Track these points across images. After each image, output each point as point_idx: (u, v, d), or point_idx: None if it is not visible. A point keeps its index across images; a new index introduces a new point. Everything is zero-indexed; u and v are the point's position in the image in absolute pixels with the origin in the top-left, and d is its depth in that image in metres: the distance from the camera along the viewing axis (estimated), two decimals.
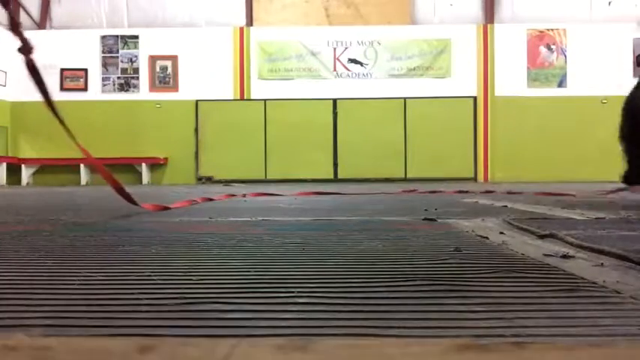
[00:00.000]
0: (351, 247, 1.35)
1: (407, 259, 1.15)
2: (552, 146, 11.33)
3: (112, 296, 0.83)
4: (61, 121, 2.18)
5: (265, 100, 11.46)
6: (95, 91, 11.54)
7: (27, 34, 2.15)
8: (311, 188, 6.14)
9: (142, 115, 11.47)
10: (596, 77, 11.38)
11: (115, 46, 11.63)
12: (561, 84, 11.46)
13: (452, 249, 1.28)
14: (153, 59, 11.61)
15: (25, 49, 2.06)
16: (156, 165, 11.53)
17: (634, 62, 11.23)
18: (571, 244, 1.33)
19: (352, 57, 11.57)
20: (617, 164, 4.23)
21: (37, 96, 1.82)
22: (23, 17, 10.76)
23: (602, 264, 1.07)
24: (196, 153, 11.47)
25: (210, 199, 3.68)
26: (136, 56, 11.61)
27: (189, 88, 11.53)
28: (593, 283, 0.90)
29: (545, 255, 1.19)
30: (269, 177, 11.23)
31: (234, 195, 4.55)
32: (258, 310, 0.74)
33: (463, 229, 1.76)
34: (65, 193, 6.15)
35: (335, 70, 11.57)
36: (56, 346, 0.44)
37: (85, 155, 2.30)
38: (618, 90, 11.32)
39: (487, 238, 1.51)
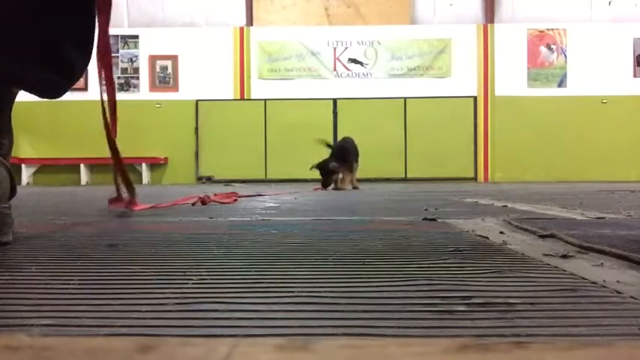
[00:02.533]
0: (351, 246, 1.35)
1: (407, 259, 1.15)
2: (552, 146, 11.33)
3: (112, 296, 0.83)
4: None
5: (265, 100, 11.46)
6: (95, 91, 11.53)
7: None
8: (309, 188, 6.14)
9: (142, 115, 11.47)
10: (596, 77, 11.38)
11: (115, 46, 11.62)
12: (561, 84, 11.46)
13: (452, 249, 1.28)
14: (153, 59, 11.62)
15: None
16: (156, 165, 11.54)
17: (634, 62, 11.23)
18: (571, 244, 1.33)
19: (352, 57, 11.57)
20: (617, 164, 4.23)
21: (36, 97, 1.81)
22: None
23: (602, 264, 1.07)
24: (196, 153, 11.47)
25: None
26: (136, 56, 11.62)
27: (190, 88, 11.53)
28: (593, 283, 0.90)
29: (546, 255, 1.19)
30: (269, 177, 11.23)
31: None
32: (258, 310, 0.74)
33: (463, 229, 1.76)
34: (65, 193, 6.15)
35: (335, 69, 11.57)
36: (56, 346, 0.44)
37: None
38: (618, 90, 11.34)
39: (487, 238, 1.51)
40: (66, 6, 1.36)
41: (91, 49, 1.44)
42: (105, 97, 2.09)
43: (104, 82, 2.08)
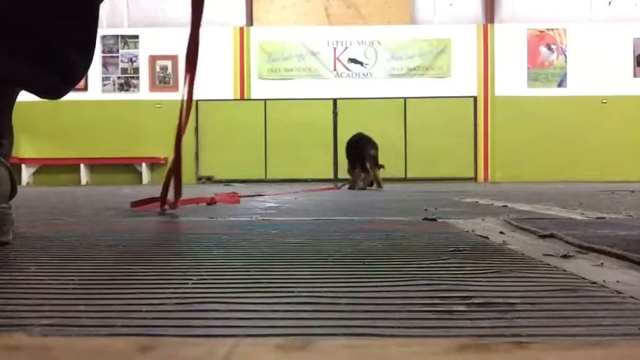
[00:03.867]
0: (351, 247, 1.35)
1: (407, 259, 1.15)
2: (552, 146, 11.33)
3: (112, 296, 0.83)
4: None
5: (265, 100, 11.46)
6: (95, 91, 11.55)
7: None
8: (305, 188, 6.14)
9: (142, 115, 11.47)
10: (596, 77, 11.39)
11: (115, 46, 11.63)
12: (561, 84, 11.47)
13: (452, 249, 1.28)
14: (153, 59, 11.62)
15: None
16: (156, 165, 11.54)
17: (634, 62, 11.24)
18: (571, 244, 1.33)
19: (352, 57, 11.57)
20: (617, 164, 4.23)
21: (36, 97, 1.81)
22: None
23: (602, 264, 1.07)
24: (196, 153, 11.47)
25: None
26: (136, 56, 11.62)
27: None
28: (593, 283, 0.90)
29: (546, 255, 1.19)
30: (269, 177, 11.23)
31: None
32: (259, 310, 0.74)
33: (463, 229, 1.76)
34: (65, 193, 6.16)
35: (335, 69, 11.58)
36: (56, 346, 0.44)
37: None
38: (618, 90, 11.34)
39: (487, 237, 1.51)
40: (67, 6, 1.35)
41: (93, 51, 1.43)
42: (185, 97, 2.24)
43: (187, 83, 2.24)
